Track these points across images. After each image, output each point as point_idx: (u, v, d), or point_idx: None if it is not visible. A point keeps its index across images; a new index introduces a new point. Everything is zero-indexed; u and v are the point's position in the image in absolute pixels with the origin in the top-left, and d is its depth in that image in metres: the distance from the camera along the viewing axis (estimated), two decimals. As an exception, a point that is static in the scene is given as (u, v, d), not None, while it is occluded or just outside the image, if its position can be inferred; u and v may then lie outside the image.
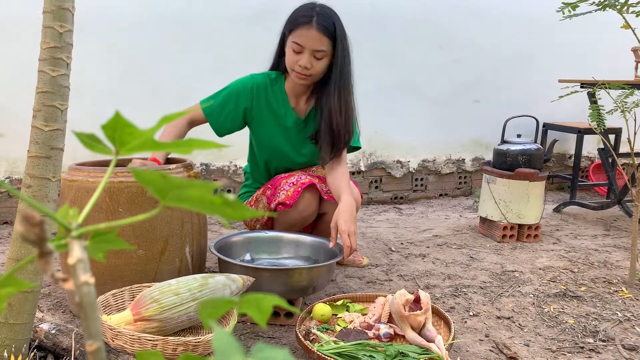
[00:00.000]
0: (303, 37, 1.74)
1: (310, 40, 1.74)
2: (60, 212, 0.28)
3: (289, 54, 1.79)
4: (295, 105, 1.94)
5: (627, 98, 1.98)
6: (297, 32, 1.75)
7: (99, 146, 0.30)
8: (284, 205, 1.80)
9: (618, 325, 1.65)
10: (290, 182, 1.84)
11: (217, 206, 0.27)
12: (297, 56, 1.77)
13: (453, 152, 3.55)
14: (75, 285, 0.25)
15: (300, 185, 1.81)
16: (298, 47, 1.75)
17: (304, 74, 1.79)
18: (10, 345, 1.13)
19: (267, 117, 1.91)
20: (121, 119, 0.28)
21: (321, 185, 1.88)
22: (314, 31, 1.74)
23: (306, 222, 1.90)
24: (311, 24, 1.74)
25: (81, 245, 0.25)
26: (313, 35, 1.74)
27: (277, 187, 1.87)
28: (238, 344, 0.23)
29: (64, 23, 1.09)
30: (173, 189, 0.27)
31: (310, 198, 1.84)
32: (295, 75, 1.80)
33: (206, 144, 0.30)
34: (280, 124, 1.92)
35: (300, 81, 1.82)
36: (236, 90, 1.88)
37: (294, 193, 1.79)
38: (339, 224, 1.66)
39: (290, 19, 1.80)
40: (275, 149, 1.96)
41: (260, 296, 0.29)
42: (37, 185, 1.12)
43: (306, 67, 1.76)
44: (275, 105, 1.91)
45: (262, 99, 1.89)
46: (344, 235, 1.65)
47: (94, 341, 0.25)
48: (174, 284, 1.34)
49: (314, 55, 1.76)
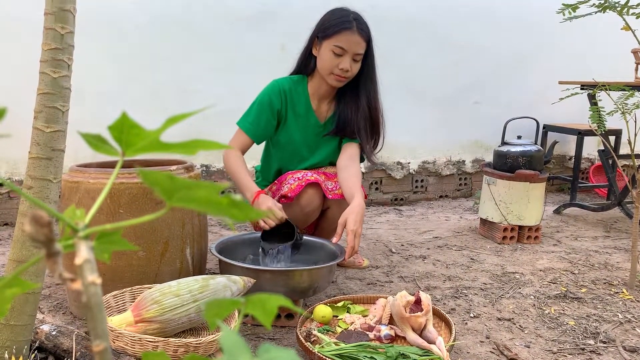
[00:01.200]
0: (346, 41, 1.80)
1: (353, 45, 1.81)
2: (66, 212, 0.28)
3: (328, 57, 1.83)
4: (317, 108, 1.98)
5: (628, 100, 1.98)
6: (339, 36, 1.80)
7: (105, 147, 0.30)
8: (286, 198, 1.83)
9: (619, 327, 1.64)
10: (296, 177, 1.88)
11: (223, 207, 0.27)
12: (338, 59, 1.82)
13: (453, 153, 3.55)
14: (83, 286, 0.25)
15: (304, 181, 1.84)
16: (341, 50, 1.81)
17: (343, 77, 1.85)
18: (11, 347, 1.13)
19: (290, 118, 1.95)
20: (128, 120, 0.28)
21: (326, 184, 1.90)
22: (356, 35, 1.81)
23: (309, 219, 1.91)
24: (353, 29, 1.81)
25: (88, 246, 0.25)
26: (356, 39, 1.81)
27: (282, 182, 1.90)
28: (245, 344, 0.23)
29: (65, 24, 1.09)
30: (180, 189, 0.27)
31: (313, 194, 1.85)
32: (333, 78, 1.85)
33: (210, 145, 0.30)
34: (300, 125, 1.97)
35: (338, 84, 1.88)
36: (267, 98, 1.91)
37: (297, 187, 1.82)
38: (348, 221, 1.66)
39: (327, 24, 1.85)
40: (292, 149, 1.99)
41: (266, 297, 0.29)
42: (38, 187, 1.12)
43: (347, 70, 1.82)
44: (298, 107, 1.95)
45: (288, 100, 1.94)
46: (350, 235, 1.65)
47: (101, 341, 0.25)
48: (174, 285, 1.34)
49: (354, 58, 1.83)
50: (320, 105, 1.99)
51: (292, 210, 1.86)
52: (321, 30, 1.86)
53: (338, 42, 1.80)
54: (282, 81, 1.94)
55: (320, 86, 1.93)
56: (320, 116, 1.99)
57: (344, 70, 1.82)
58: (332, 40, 1.81)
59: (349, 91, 1.94)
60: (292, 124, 1.95)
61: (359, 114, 1.93)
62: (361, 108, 1.93)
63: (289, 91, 1.93)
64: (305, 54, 1.94)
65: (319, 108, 1.98)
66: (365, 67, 1.91)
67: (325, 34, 1.83)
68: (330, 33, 1.82)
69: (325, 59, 1.84)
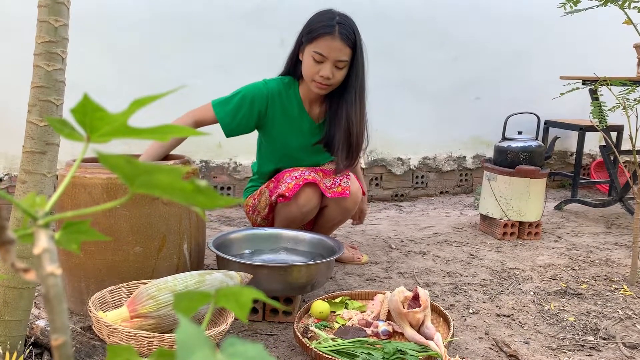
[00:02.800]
0: (326, 47, 1.72)
1: (333, 51, 1.72)
2: (25, 200, 0.27)
3: (309, 63, 1.76)
4: (310, 110, 1.93)
5: (629, 95, 1.96)
6: (319, 42, 1.72)
7: (70, 132, 0.29)
8: (284, 197, 1.79)
9: (619, 323, 1.63)
10: (293, 175, 1.83)
11: (188, 193, 0.26)
12: (318, 66, 1.74)
13: (454, 149, 3.53)
14: (41, 277, 0.24)
15: (302, 180, 1.80)
16: (320, 57, 1.73)
17: (325, 84, 1.77)
18: (5, 342, 1.12)
19: (281, 122, 1.90)
20: (90, 102, 0.27)
21: (324, 182, 1.86)
22: (337, 42, 1.72)
23: (306, 218, 1.89)
24: (334, 34, 1.71)
25: (48, 235, 0.24)
26: (336, 45, 1.72)
27: (279, 180, 1.86)
28: (207, 338, 0.22)
29: (59, 17, 1.08)
30: (141, 174, 0.25)
31: (311, 193, 1.82)
32: (315, 85, 1.78)
33: (183, 131, 0.29)
34: (295, 128, 1.92)
35: (320, 91, 1.80)
36: (250, 95, 1.84)
37: (295, 186, 1.78)
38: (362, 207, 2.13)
39: (310, 27, 1.76)
40: (288, 152, 1.96)
41: (238, 289, 0.28)
42: (32, 181, 1.11)
43: (328, 77, 1.74)
44: (290, 110, 1.89)
45: (277, 104, 1.87)
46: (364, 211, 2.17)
47: (59, 335, 0.24)
48: (170, 280, 1.33)
49: (336, 65, 1.74)
50: (313, 107, 1.94)
51: (290, 209, 1.84)
52: (305, 33, 1.78)
53: (317, 47, 1.72)
54: (271, 83, 1.87)
55: (309, 90, 1.86)
56: (314, 117, 1.95)
57: (324, 78, 1.74)
58: (312, 46, 1.74)
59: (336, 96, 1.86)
60: (284, 126, 1.91)
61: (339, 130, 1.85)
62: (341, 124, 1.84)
63: (277, 95, 1.87)
64: (292, 58, 1.87)
65: (311, 110, 1.93)
66: (348, 77, 1.80)
67: (308, 38, 1.76)
68: (311, 37, 1.74)
69: (307, 64, 1.77)
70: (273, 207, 1.92)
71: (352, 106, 1.83)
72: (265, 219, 1.98)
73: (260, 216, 1.98)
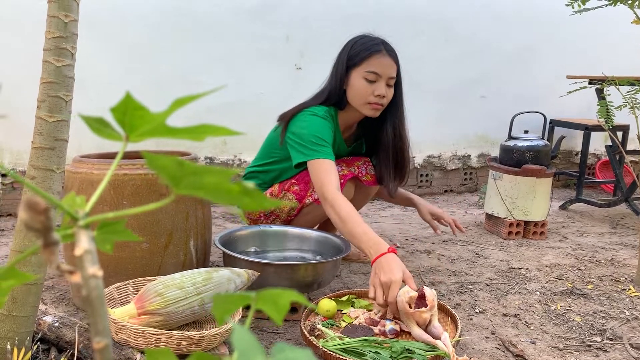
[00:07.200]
0: (379, 65, 1.70)
1: (386, 68, 1.71)
2: (66, 200, 0.27)
3: (361, 85, 1.71)
4: (344, 136, 1.94)
5: (637, 94, 1.95)
6: (370, 61, 1.70)
7: (108, 131, 0.28)
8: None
9: (625, 324, 1.63)
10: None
11: (234, 195, 0.25)
12: (373, 86, 1.71)
13: (459, 147, 3.52)
14: (83, 278, 0.23)
15: (342, 177, 1.78)
16: (374, 75, 1.70)
17: (380, 104, 1.74)
18: (13, 338, 1.12)
19: None
20: (132, 101, 0.26)
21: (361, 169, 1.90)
22: (387, 58, 1.72)
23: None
24: (383, 52, 1.72)
25: (89, 236, 0.24)
26: (387, 62, 1.72)
27: (309, 183, 1.83)
28: (259, 344, 0.21)
29: (69, 13, 1.08)
30: (188, 175, 0.25)
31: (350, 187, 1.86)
32: (370, 107, 1.73)
33: (219, 130, 0.29)
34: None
35: (375, 112, 1.76)
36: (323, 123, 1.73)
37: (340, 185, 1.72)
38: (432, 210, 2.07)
39: (356, 50, 1.74)
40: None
41: (278, 292, 0.28)
42: (41, 177, 1.11)
43: (383, 96, 1.72)
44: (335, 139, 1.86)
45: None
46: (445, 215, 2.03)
47: (102, 338, 0.24)
48: (178, 277, 1.32)
49: (387, 83, 1.73)
50: (346, 132, 1.93)
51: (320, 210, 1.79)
52: (347, 59, 1.74)
53: (370, 67, 1.70)
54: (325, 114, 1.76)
55: (350, 117, 1.83)
56: (347, 143, 1.97)
57: (380, 97, 1.71)
58: (363, 67, 1.71)
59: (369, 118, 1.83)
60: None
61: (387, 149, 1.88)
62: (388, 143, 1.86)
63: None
64: (336, 89, 1.77)
65: (345, 136, 1.93)
66: (395, 95, 1.80)
67: (354, 63, 1.73)
68: (359, 60, 1.71)
69: (358, 87, 1.72)
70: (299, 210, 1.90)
71: (396, 119, 1.84)
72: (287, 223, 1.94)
73: (280, 220, 1.94)
